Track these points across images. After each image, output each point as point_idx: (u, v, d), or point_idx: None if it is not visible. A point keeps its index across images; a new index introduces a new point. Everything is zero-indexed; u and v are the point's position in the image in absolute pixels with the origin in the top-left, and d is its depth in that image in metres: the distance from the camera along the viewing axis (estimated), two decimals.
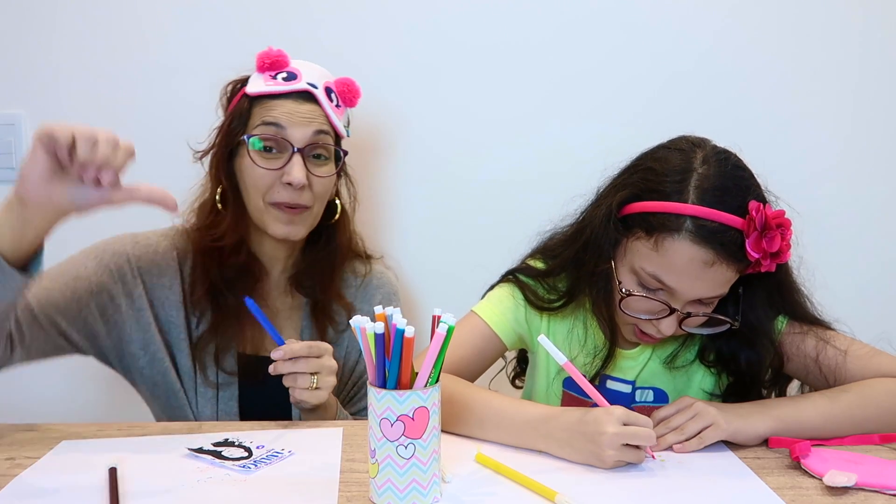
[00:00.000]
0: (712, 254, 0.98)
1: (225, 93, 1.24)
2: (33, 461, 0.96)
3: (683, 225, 0.98)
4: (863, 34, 1.51)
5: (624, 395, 1.17)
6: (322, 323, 1.26)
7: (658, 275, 1.01)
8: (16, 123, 1.52)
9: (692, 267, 0.99)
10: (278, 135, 1.16)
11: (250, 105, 1.18)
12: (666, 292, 1.03)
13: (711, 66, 1.52)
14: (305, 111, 1.17)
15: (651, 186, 1.03)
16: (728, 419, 0.99)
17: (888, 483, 0.88)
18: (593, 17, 1.51)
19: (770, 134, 1.52)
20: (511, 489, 0.89)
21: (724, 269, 0.99)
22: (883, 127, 1.54)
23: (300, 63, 1.22)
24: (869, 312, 1.39)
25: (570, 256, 1.14)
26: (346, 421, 1.16)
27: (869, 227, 1.56)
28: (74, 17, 1.49)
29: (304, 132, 1.16)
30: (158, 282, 1.21)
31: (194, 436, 1.04)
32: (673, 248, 0.99)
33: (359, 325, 0.84)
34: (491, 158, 1.55)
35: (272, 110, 1.16)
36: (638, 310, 1.06)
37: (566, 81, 1.53)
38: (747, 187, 1.01)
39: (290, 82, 1.18)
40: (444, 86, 1.53)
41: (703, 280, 1.00)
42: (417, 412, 0.82)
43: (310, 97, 1.18)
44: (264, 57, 1.19)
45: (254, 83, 1.19)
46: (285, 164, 1.15)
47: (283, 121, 1.16)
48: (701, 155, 1.03)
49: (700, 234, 0.98)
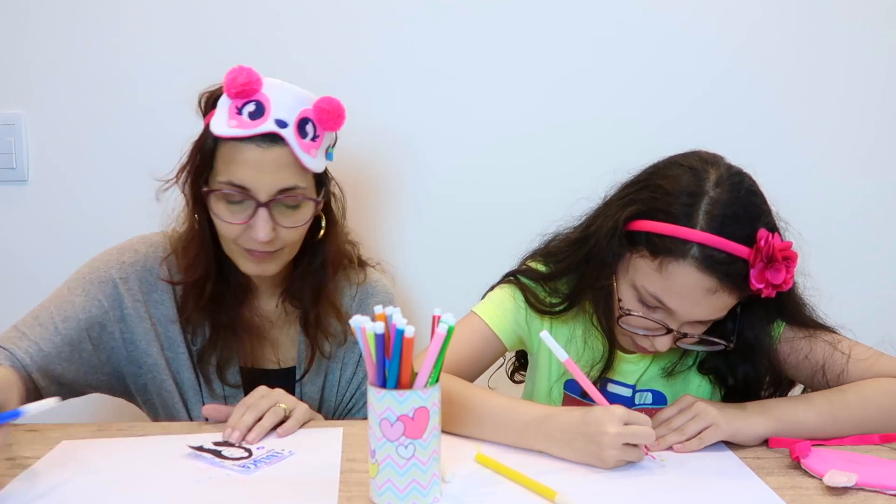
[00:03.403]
0: (716, 282, 0.98)
1: (201, 104, 1.15)
2: (33, 461, 0.96)
3: (690, 251, 0.97)
4: (865, 34, 1.51)
5: (624, 398, 1.17)
6: (316, 334, 1.23)
7: (659, 296, 1.01)
8: (16, 123, 1.51)
9: (695, 293, 0.99)
10: (242, 192, 1.08)
11: (214, 145, 1.09)
12: (664, 311, 1.03)
13: (713, 66, 1.52)
14: (271, 160, 1.06)
15: (659, 206, 1.02)
16: (728, 419, 0.99)
17: (888, 483, 0.88)
18: (593, 17, 1.51)
19: (772, 137, 1.52)
20: (511, 489, 0.89)
21: (725, 296, 0.99)
22: (888, 131, 1.53)
23: (272, 88, 1.08)
24: (871, 316, 1.40)
25: (573, 262, 1.13)
26: (346, 421, 1.15)
27: (871, 230, 1.56)
28: (75, 17, 1.49)
29: (269, 186, 1.07)
30: (150, 298, 1.19)
31: (194, 436, 1.04)
32: (677, 273, 0.98)
33: (359, 324, 0.84)
34: (489, 159, 1.55)
35: (236, 162, 1.07)
36: (636, 326, 1.06)
37: (565, 82, 1.53)
38: (758, 215, 1.00)
39: (255, 121, 1.06)
40: (442, 86, 1.53)
41: (703, 306, 1.00)
42: (417, 412, 0.81)
43: (275, 140, 1.06)
44: (231, 83, 1.07)
45: (218, 118, 1.08)
46: (250, 219, 1.08)
47: (248, 178, 1.07)
48: (714, 177, 1.01)
49: (706, 262, 0.97)
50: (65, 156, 1.53)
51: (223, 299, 1.18)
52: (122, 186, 1.53)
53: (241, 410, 1.05)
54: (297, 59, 1.48)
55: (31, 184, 1.54)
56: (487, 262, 1.23)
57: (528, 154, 1.55)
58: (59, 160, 1.53)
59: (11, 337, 1.09)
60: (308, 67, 1.46)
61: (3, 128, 1.51)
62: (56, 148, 1.53)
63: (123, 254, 1.19)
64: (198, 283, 1.16)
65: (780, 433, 1.00)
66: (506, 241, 1.23)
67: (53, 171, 1.53)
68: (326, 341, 1.24)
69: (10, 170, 1.52)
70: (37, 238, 1.55)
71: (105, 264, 1.17)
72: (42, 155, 1.53)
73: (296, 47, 1.49)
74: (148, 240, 1.22)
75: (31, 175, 1.54)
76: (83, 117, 1.52)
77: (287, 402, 1.07)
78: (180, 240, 1.18)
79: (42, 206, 1.54)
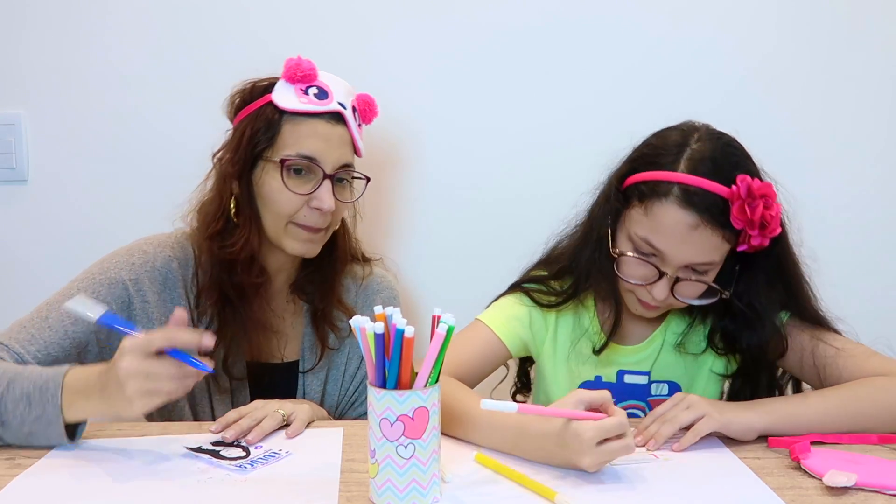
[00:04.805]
0: (697, 217, 1.03)
1: (241, 94, 1.19)
2: (33, 461, 0.96)
3: (671, 191, 1.04)
4: (863, 30, 1.51)
5: (641, 386, 1.20)
6: (323, 329, 1.25)
7: (648, 238, 1.06)
8: (16, 123, 1.52)
9: (678, 229, 1.04)
10: (309, 163, 1.14)
11: (280, 120, 1.14)
12: (657, 257, 1.07)
13: (716, 65, 1.52)
14: (337, 136, 1.16)
15: (648, 159, 1.10)
16: (720, 410, 1.01)
17: (888, 483, 0.88)
18: (606, 28, 1.51)
19: (772, 130, 1.52)
20: (511, 489, 0.89)
21: (708, 233, 1.03)
22: (887, 124, 1.53)
23: (328, 77, 1.18)
24: (869, 314, 1.40)
25: (575, 245, 1.19)
26: (346, 421, 1.16)
27: (872, 225, 1.56)
28: (75, 17, 1.49)
29: (335, 159, 1.15)
30: (160, 298, 1.19)
31: (193, 436, 1.04)
32: (661, 212, 1.04)
33: (359, 324, 0.84)
34: (493, 164, 1.55)
35: (305, 135, 1.13)
36: (632, 275, 1.10)
37: (569, 89, 1.53)
38: (737, 163, 1.06)
39: (322, 101, 1.15)
40: (446, 90, 1.53)
41: (689, 244, 1.04)
42: (417, 412, 0.82)
43: (340, 119, 1.16)
44: (295, 68, 1.15)
45: (284, 95, 1.14)
46: (315, 190, 1.14)
47: (317, 149, 1.14)
48: (698, 134, 1.09)
49: (686, 198, 1.03)
50: (65, 156, 1.53)
51: (242, 293, 1.19)
52: (122, 186, 1.53)
53: (234, 415, 1.05)
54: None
55: (31, 184, 1.54)
56: (490, 265, 1.23)
57: (530, 160, 1.54)
58: (59, 160, 1.53)
59: (21, 339, 1.08)
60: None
61: (3, 128, 1.52)
62: (56, 148, 1.53)
63: (133, 255, 1.18)
64: (237, 263, 1.16)
65: (775, 426, 1.01)
66: (509, 245, 1.24)
67: (53, 171, 1.54)
68: (333, 335, 1.26)
69: (10, 170, 1.53)
70: (37, 238, 1.55)
71: (115, 266, 1.17)
72: (42, 155, 1.53)
73: (296, 48, 1.49)
74: (154, 240, 1.22)
75: (31, 175, 1.54)
76: (83, 117, 1.52)
77: (285, 408, 1.07)
78: (209, 216, 1.18)
79: (42, 206, 1.54)
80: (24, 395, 0.96)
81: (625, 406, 1.21)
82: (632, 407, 1.21)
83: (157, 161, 1.53)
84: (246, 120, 1.16)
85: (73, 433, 0.99)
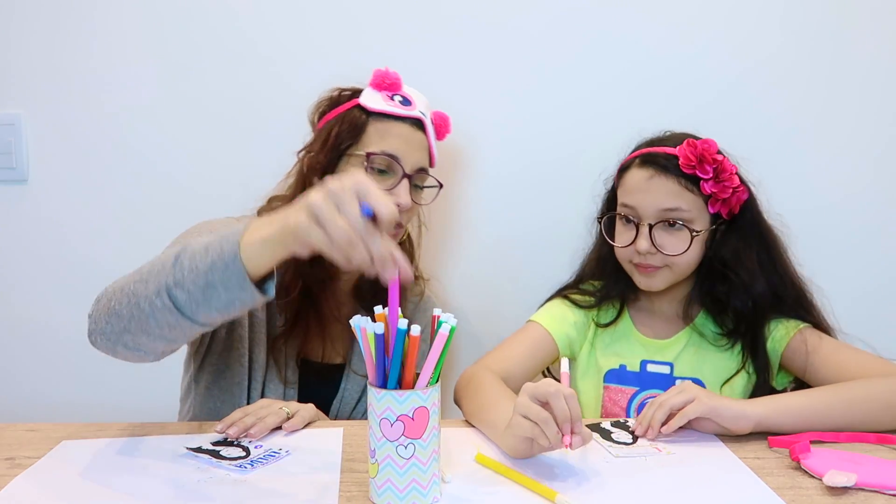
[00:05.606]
0: (652, 170, 1.23)
1: (328, 100, 1.25)
2: (33, 461, 0.96)
3: (634, 160, 1.27)
4: (861, 31, 1.51)
5: (664, 376, 1.28)
6: None
7: (624, 200, 1.26)
8: (16, 123, 1.51)
9: (640, 184, 1.24)
10: (391, 161, 1.18)
11: (367, 119, 1.20)
12: (634, 214, 1.24)
13: (717, 66, 1.52)
14: (417, 140, 1.22)
15: (632, 150, 1.30)
16: (710, 396, 1.04)
17: (888, 483, 0.89)
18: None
19: (765, 132, 1.52)
20: (511, 489, 0.89)
21: (664, 180, 1.22)
22: (885, 127, 1.53)
23: (410, 90, 1.27)
24: (869, 314, 1.40)
25: (594, 248, 1.37)
26: (346, 421, 1.16)
27: (866, 229, 1.55)
28: (75, 17, 1.49)
29: (413, 161, 1.21)
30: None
31: (193, 436, 1.04)
32: (628, 176, 1.27)
33: (359, 325, 0.84)
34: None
35: (390, 134, 1.19)
36: (621, 240, 1.27)
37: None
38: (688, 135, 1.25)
39: (406, 108, 1.22)
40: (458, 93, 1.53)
41: (650, 192, 1.22)
42: (417, 412, 0.82)
43: (421, 126, 1.23)
44: (384, 76, 1.24)
45: (371, 99, 1.22)
46: (394, 187, 1.18)
47: (400, 149, 1.19)
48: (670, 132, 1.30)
49: (644, 160, 1.25)
50: (65, 156, 1.53)
51: (323, 285, 1.23)
52: (122, 186, 1.53)
53: (239, 414, 1.06)
54: (301, 58, 1.49)
55: (31, 184, 1.54)
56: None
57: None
58: (59, 160, 1.53)
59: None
60: (321, 67, 1.46)
61: (3, 128, 1.51)
62: (56, 148, 1.53)
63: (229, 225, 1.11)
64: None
65: (770, 418, 1.02)
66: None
67: (53, 171, 1.53)
68: None
69: (10, 170, 1.52)
70: (37, 238, 1.55)
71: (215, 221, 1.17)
72: (42, 155, 1.53)
73: (297, 47, 1.49)
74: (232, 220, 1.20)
75: (31, 175, 1.54)
76: (83, 117, 1.52)
77: (290, 407, 1.09)
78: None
79: (42, 206, 1.54)
80: (203, 246, 0.89)
81: (648, 395, 1.26)
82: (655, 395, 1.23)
83: (156, 161, 1.52)
84: (333, 121, 1.22)
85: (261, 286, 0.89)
